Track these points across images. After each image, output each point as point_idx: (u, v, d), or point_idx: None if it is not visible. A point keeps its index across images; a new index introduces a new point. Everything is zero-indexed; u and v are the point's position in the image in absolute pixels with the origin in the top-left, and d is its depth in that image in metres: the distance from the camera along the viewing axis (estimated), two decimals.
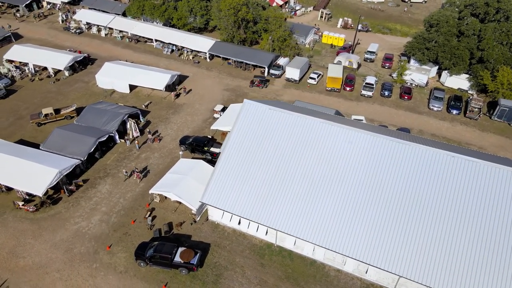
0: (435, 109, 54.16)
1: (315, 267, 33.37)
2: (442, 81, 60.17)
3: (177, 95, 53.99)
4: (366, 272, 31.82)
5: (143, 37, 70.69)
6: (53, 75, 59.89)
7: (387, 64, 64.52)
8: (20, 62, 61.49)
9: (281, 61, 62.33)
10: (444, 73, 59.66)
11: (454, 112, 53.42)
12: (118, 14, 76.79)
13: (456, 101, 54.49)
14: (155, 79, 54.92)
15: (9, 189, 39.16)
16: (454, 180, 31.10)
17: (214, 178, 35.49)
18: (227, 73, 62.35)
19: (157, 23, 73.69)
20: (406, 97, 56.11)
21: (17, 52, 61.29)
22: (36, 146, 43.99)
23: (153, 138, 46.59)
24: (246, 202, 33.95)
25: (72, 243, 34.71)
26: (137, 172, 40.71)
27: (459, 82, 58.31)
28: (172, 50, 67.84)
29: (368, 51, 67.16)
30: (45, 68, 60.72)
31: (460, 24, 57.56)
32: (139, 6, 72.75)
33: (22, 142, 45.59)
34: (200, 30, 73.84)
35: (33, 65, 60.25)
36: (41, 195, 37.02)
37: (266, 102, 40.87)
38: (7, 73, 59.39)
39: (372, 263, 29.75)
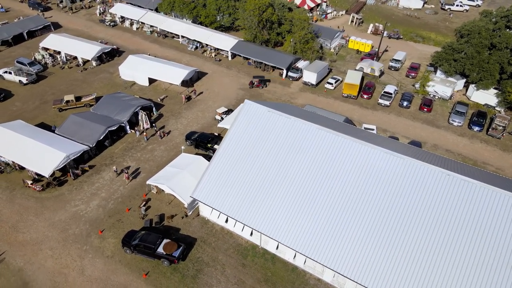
0: (455, 124, 51.49)
1: (296, 273, 33.03)
2: (468, 95, 57.07)
3: (188, 98, 54.70)
4: (344, 285, 31.04)
5: (170, 32, 72.76)
6: (81, 64, 63.19)
7: (411, 74, 62.09)
8: (54, 50, 65.39)
9: (301, 64, 61.82)
10: (471, 87, 56.53)
11: (476, 128, 50.52)
12: (151, 10, 79.50)
13: (480, 117, 51.50)
14: (173, 73, 56.41)
15: (21, 168, 41.89)
16: (447, 199, 29.59)
17: (206, 175, 36.06)
18: (245, 73, 62.78)
19: (186, 20, 75.51)
20: (425, 109, 53.78)
21: (52, 41, 65.22)
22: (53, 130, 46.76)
23: (161, 132, 47.72)
24: (233, 201, 34.21)
25: (69, 224, 36.64)
26: (126, 172, 41.03)
27: (486, 97, 55.04)
28: (196, 47, 69.29)
29: (393, 59, 64.96)
30: (75, 57, 64.12)
31: (493, 36, 54.29)
32: (169, 2, 74.88)
33: (42, 125, 48.59)
34: (227, 29, 74.80)
35: (65, 53, 63.85)
36: (47, 176, 39.40)
37: (268, 104, 40.88)
38: (41, 60, 63.39)
39: (349, 276, 29.01)
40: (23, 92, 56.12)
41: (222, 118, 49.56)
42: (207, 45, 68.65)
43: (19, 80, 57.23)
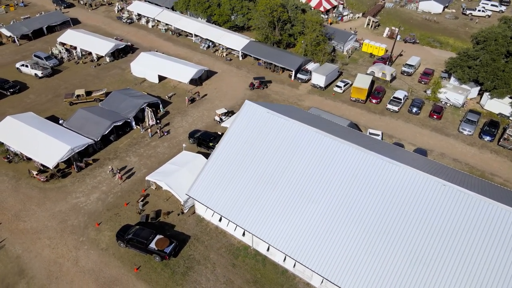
0: (465, 133, 50.02)
1: (285, 276, 32.86)
2: (482, 104, 55.36)
3: (192, 100, 54.85)
4: None
5: (184, 31, 73.57)
6: (96, 60, 64.70)
7: (424, 80, 60.68)
8: (70, 45, 67.20)
9: (310, 66, 61.37)
10: (485, 95, 54.80)
11: (487, 138, 48.94)
12: (168, 8, 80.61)
13: (491, 126, 49.87)
14: (182, 72, 57.02)
15: (29, 158, 43.24)
16: (441, 209, 28.81)
17: (203, 173, 36.32)
18: (255, 73, 62.81)
19: (201, 19, 76.17)
20: (435, 116, 52.47)
21: (69, 36, 67.04)
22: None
23: (160, 131, 48.01)
24: (227, 201, 34.34)
25: (68, 215, 37.61)
26: (119, 173, 41.26)
27: (500, 106, 53.21)
28: (208, 46, 69.82)
29: (406, 64, 63.68)
30: (90, 53, 65.69)
31: (511, 44, 52.44)
32: (185, 1, 75.69)
33: (52, 118, 49.99)
34: (241, 29, 75.03)
35: (81, 49, 65.52)
36: (51, 168, 40.57)
37: (271, 106, 40.84)
38: (57, 54, 65.25)
39: (337, 282, 28.65)
40: (38, 85, 57.93)
41: (221, 119, 49.79)
42: (219, 44, 69.06)
43: (35, 73, 59.12)
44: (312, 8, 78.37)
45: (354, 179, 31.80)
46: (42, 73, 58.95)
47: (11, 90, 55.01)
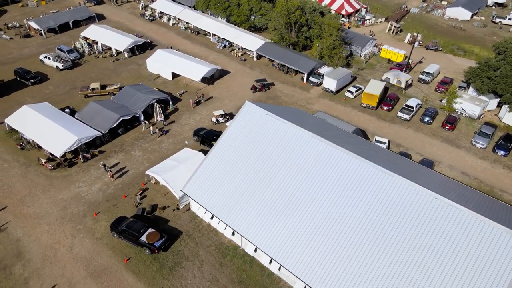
0: (478, 146, 48.07)
1: (271, 279, 32.79)
2: (500, 116, 53.02)
3: (197, 103, 54.94)
4: None
5: (202, 30, 74.55)
6: (114, 55, 66.68)
7: (441, 88, 58.76)
8: (92, 40, 69.57)
9: (323, 69, 60.75)
10: (504, 108, 52.45)
11: (501, 153, 46.83)
12: (190, 7, 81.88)
13: (507, 141, 47.68)
14: (194, 70, 57.83)
15: (40, 147, 45.17)
16: (431, 222, 27.94)
17: (198, 171, 36.81)
18: (267, 74, 62.88)
19: (221, 18, 76.94)
20: (447, 127, 50.72)
21: (92, 31, 69.43)
22: None
23: (158, 131, 48.46)
24: (218, 199, 34.66)
25: (69, 203, 39.06)
26: (110, 171, 41.63)
27: None
28: (225, 46, 70.44)
29: (424, 71, 61.86)
30: (110, 48, 67.77)
31: None
32: (205, 0, 76.66)
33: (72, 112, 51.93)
34: (259, 30, 75.20)
35: (101, 44, 67.73)
36: (58, 156, 42.26)
37: (275, 108, 40.89)
38: (80, 48, 67.73)
39: None
40: (58, 77, 60.38)
41: (218, 121, 50.09)
42: (235, 44, 69.53)
43: (56, 66, 61.66)
44: (333, 11, 77.48)
45: (345, 186, 31.33)
46: (62, 66, 61.40)
47: (32, 80, 57.63)
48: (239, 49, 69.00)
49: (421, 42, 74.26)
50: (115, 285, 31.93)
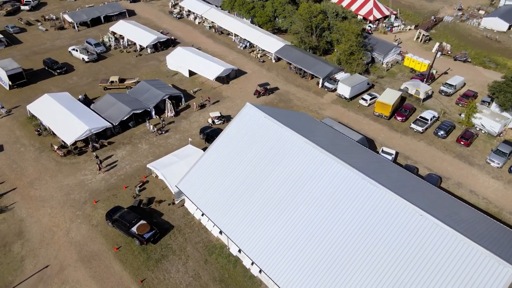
0: (494, 164, 45.61)
1: (252, 281, 32.89)
2: None
3: (202, 106, 54.77)
4: None
5: (226, 29, 75.49)
6: (138, 50, 68.98)
7: (462, 102, 56.19)
8: (119, 35, 72.34)
9: (340, 75, 59.84)
10: None
11: None
12: (217, 6, 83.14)
13: None
14: (210, 69, 58.81)
15: (54, 134, 47.65)
16: (415, 239, 27.01)
17: (193, 168, 37.51)
18: (283, 77, 62.78)
19: (246, 19, 77.58)
20: (462, 143, 48.49)
21: (120, 26, 72.23)
22: None
23: (157, 131, 49.08)
24: (209, 198, 35.17)
25: (73, 189, 41.01)
26: (100, 163, 42.55)
27: None
28: (245, 46, 70.97)
29: (446, 83, 59.42)
30: (135, 43, 70.19)
31: None
32: (231, 1, 77.56)
33: (84, 100, 54.42)
34: (282, 32, 75.12)
35: (127, 39, 70.28)
36: (69, 144, 44.44)
37: (280, 111, 40.89)
38: (107, 42, 70.64)
39: None
40: (83, 68, 63.33)
41: (214, 122, 50.45)
42: (256, 45, 69.89)
43: (82, 58, 64.69)
44: (361, 16, 76.03)
45: (331, 194, 30.89)
46: (88, 58, 64.32)
47: (58, 70, 60.81)
48: (259, 50, 69.30)
49: (449, 52, 71.28)
50: (102, 271, 33.24)
